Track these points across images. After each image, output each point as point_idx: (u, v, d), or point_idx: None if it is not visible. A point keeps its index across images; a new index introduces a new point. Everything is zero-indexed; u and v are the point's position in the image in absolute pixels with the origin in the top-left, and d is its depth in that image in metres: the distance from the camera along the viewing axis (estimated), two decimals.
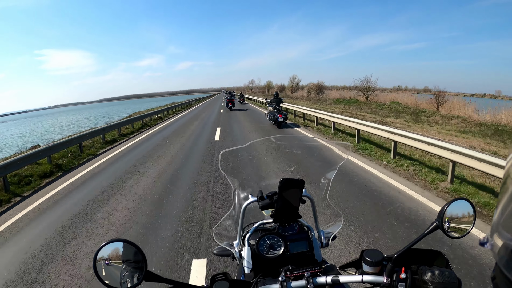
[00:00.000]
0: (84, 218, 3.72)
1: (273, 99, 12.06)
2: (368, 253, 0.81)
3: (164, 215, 3.60)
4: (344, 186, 4.29)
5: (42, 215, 4.03)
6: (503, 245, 0.53)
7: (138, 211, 3.79)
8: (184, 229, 3.21)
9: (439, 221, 0.80)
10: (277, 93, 12.52)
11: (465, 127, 13.08)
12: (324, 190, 1.16)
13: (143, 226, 3.34)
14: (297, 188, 0.96)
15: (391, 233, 2.95)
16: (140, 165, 6.28)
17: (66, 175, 6.10)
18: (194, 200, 4.03)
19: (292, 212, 1.00)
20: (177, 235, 3.07)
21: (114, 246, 0.71)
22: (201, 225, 3.29)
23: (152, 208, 3.85)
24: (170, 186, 4.70)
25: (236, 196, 1.13)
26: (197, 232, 3.13)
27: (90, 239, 3.15)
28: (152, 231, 3.21)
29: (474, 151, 4.05)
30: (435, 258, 0.79)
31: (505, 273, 0.50)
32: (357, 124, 7.54)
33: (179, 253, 2.74)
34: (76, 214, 3.87)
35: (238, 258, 1.04)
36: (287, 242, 1.00)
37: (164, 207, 3.86)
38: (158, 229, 3.23)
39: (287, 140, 1.43)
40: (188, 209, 3.73)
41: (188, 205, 3.88)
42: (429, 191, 4.10)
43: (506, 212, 0.53)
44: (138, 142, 9.59)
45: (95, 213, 3.85)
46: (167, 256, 2.68)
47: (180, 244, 2.88)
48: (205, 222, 3.36)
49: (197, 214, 3.59)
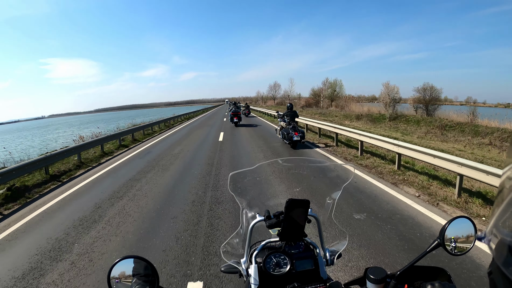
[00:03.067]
0: None
1: (286, 112, 9.95)
2: (371, 271, 0.84)
3: None
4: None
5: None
6: (500, 240, 0.54)
7: None
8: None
9: (440, 238, 0.82)
10: (291, 105, 10.26)
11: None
12: (329, 210, 1.19)
13: None
14: (303, 208, 0.99)
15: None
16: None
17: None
18: None
19: (298, 231, 1.03)
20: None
21: (126, 263, 0.75)
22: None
23: None
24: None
25: (244, 216, 1.17)
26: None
27: None
28: None
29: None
30: (437, 275, 0.80)
31: (502, 269, 0.51)
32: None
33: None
34: None
35: (245, 275, 1.05)
36: (293, 260, 1.03)
37: None
38: None
39: (294, 162, 1.45)
40: None
41: None
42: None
43: (504, 208, 0.54)
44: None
45: None
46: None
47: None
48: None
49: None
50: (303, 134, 8.86)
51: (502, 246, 0.53)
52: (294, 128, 9.01)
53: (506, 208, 0.54)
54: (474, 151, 10.27)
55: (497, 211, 0.56)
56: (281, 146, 9.44)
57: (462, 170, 4.22)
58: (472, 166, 4.04)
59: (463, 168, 4.20)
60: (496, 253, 0.54)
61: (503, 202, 0.54)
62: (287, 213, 0.98)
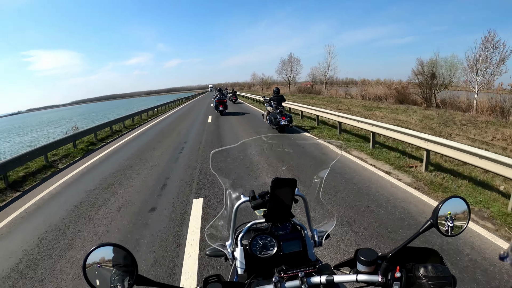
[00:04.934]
0: None
1: (273, 97, 9.89)
2: (362, 252, 0.82)
3: None
4: None
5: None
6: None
7: None
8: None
9: (433, 219, 0.80)
10: (277, 89, 10.17)
11: None
12: (317, 189, 1.17)
13: None
14: (290, 187, 0.96)
15: None
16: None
17: None
18: None
19: (284, 211, 1.01)
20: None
21: (103, 251, 0.71)
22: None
23: None
24: None
25: (227, 196, 1.14)
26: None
27: None
28: None
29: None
30: (429, 256, 0.81)
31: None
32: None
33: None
34: None
35: (231, 259, 1.04)
36: (280, 242, 1.00)
37: None
38: None
39: (278, 139, 1.39)
40: None
41: None
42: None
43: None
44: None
45: None
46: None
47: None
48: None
49: None
50: (290, 118, 8.86)
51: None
52: (281, 112, 8.99)
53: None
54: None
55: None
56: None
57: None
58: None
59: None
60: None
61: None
62: (273, 193, 0.95)
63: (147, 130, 12.71)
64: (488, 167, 3.74)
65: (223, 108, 15.40)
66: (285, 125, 8.71)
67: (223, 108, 15.40)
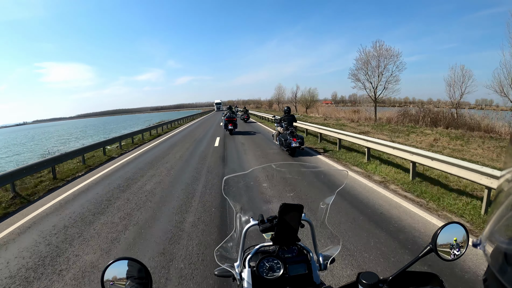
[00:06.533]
0: None
1: (284, 116, 9.37)
2: (364, 276, 0.84)
3: None
4: None
5: None
6: (495, 247, 0.54)
7: None
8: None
9: (432, 244, 0.83)
10: (288, 108, 9.66)
11: None
12: (323, 215, 1.21)
13: None
14: (297, 212, 1.01)
15: None
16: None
17: None
18: None
19: (291, 235, 1.05)
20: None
21: (119, 265, 0.77)
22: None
23: None
24: None
25: (237, 220, 1.17)
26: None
27: None
28: None
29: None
30: (430, 280, 0.82)
31: (497, 276, 0.51)
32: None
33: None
34: None
35: (238, 279, 1.07)
36: (287, 265, 1.05)
37: None
38: None
39: (287, 167, 1.45)
40: None
41: None
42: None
43: (500, 214, 0.55)
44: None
45: None
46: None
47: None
48: None
49: None
50: (302, 140, 8.31)
51: (497, 253, 0.53)
52: (292, 133, 8.44)
53: (502, 214, 0.54)
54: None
55: (493, 217, 0.56)
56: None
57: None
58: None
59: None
60: (491, 260, 0.54)
61: (499, 207, 0.55)
62: (281, 218, 1.00)
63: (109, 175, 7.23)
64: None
65: (232, 127, 14.56)
66: (297, 147, 8.14)
67: (232, 127, 14.56)
